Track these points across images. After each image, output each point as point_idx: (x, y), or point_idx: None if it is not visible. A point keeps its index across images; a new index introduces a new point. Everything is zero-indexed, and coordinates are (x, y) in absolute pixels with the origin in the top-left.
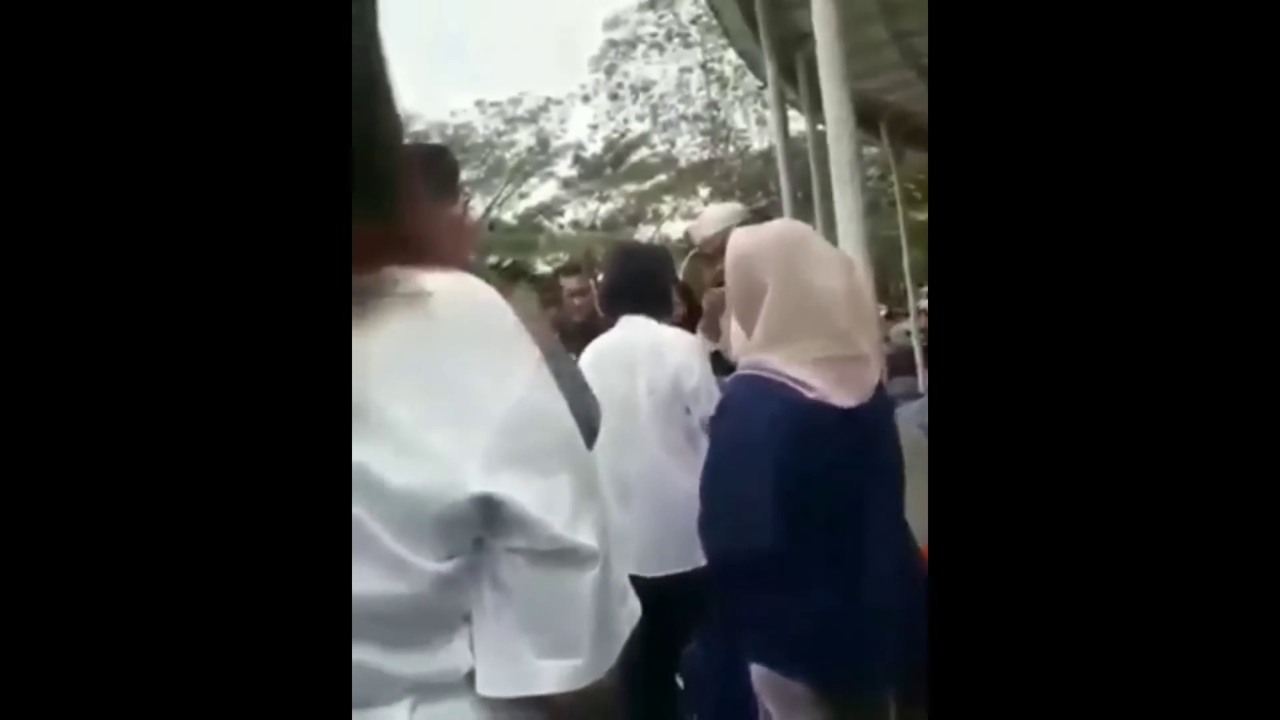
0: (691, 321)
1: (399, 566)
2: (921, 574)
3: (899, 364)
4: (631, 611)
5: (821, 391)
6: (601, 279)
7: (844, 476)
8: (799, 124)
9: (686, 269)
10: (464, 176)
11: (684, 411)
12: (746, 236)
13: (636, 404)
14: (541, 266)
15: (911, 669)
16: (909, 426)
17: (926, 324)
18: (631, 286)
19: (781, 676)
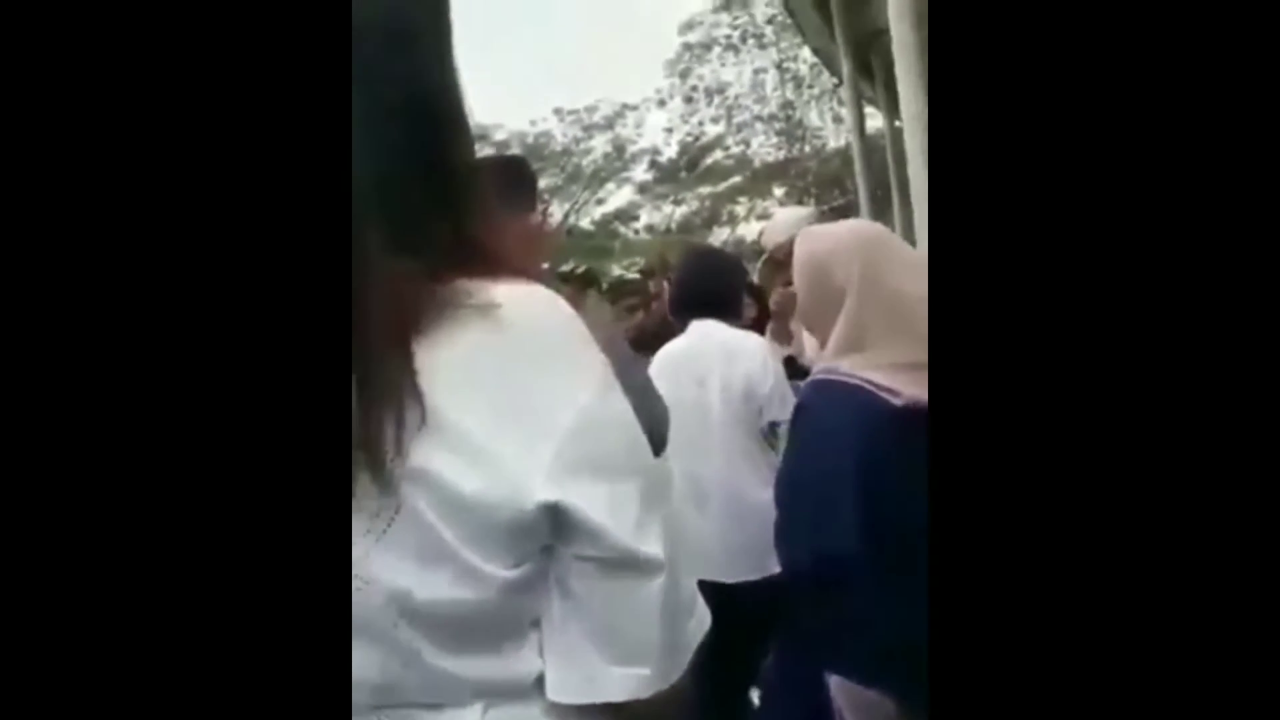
0: (762, 324)
1: (469, 573)
2: None
3: None
4: (700, 621)
5: (907, 398)
6: (670, 284)
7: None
8: (876, 121)
9: (760, 272)
10: (543, 184)
11: (757, 416)
12: (820, 238)
13: (709, 409)
14: (616, 271)
15: None
16: None
17: None
18: (701, 290)
19: (862, 688)
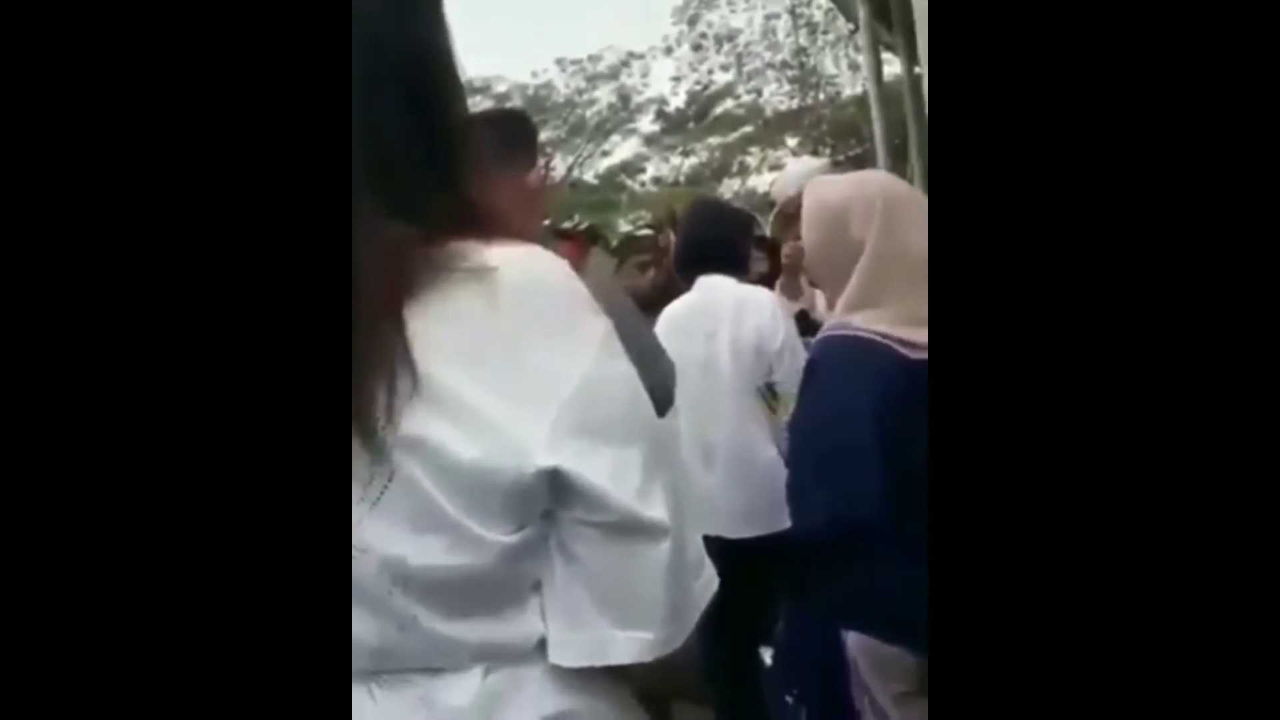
0: (773, 279)
1: (467, 539)
2: None
3: None
4: (708, 582)
5: (924, 351)
6: (675, 238)
7: None
8: (893, 68)
9: (772, 225)
10: (545, 137)
11: (767, 372)
12: (833, 187)
13: (718, 366)
14: (624, 227)
15: None
16: None
17: None
18: (706, 245)
19: (881, 642)
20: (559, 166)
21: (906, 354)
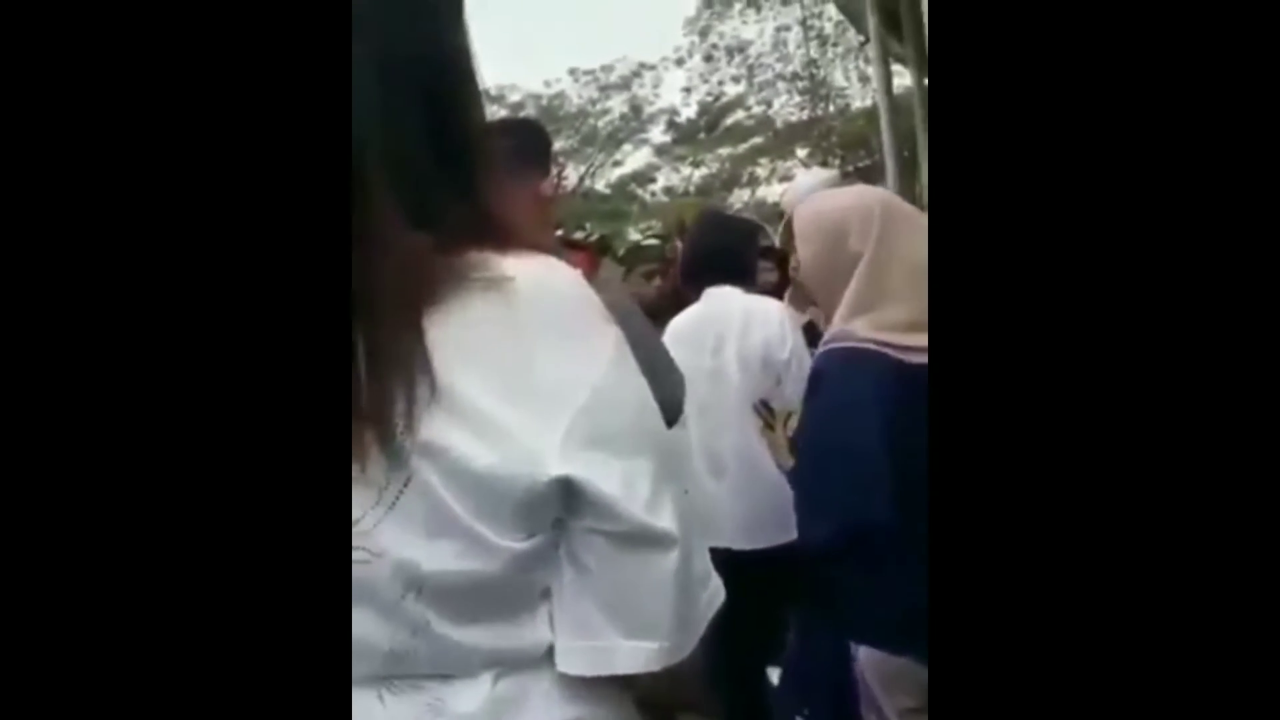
0: (782, 289)
1: (479, 545)
2: None
3: None
4: (714, 594)
5: (923, 355)
6: (681, 249)
7: None
8: (903, 79)
9: (781, 235)
10: (558, 146)
11: (775, 383)
12: (830, 202)
13: (726, 377)
14: (633, 236)
15: None
16: None
17: None
18: (711, 256)
19: (891, 656)
20: (571, 175)
21: (906, 359)
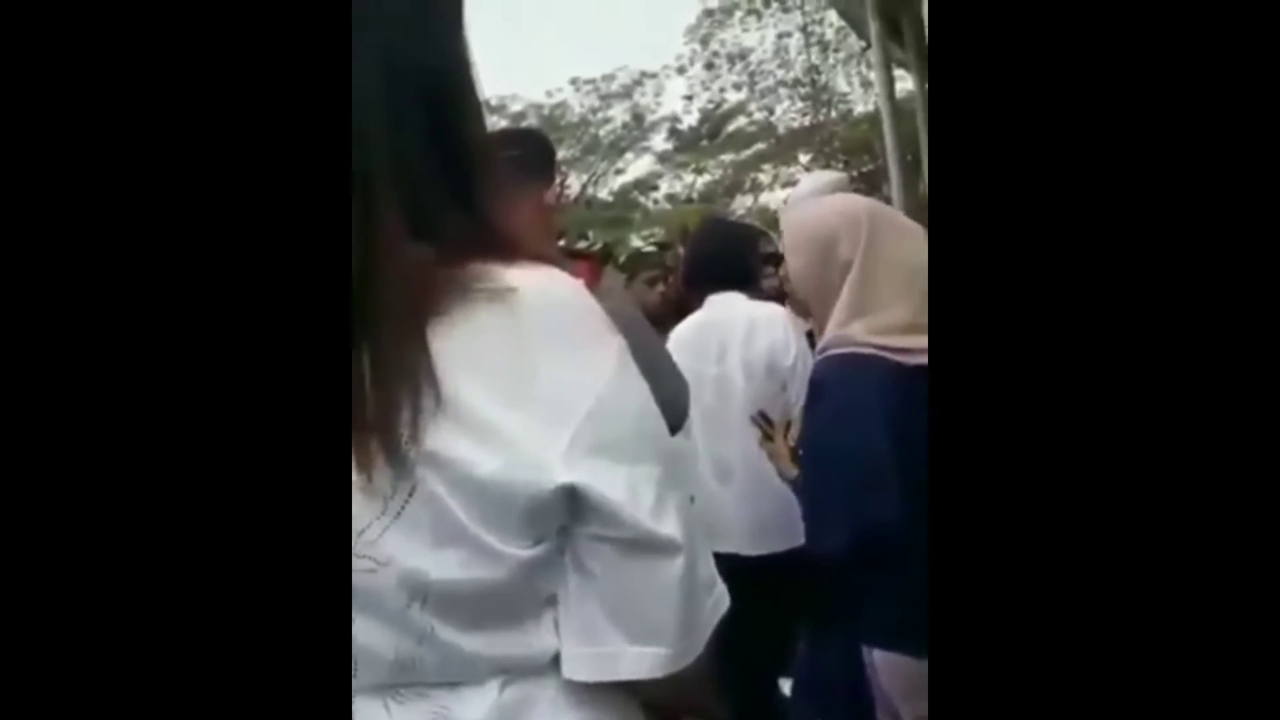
0: (785, 295)
1: (485, 553)
2: None
3: None
4: (719, 600)
5: (921, 356)
6: (683, 256)
7: None
8: (905, 84)
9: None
10: (560, 155)
11: (780, 389)
12: (816, 211)
13: (731, 382)
14: (635, 243)
15: None
16: None
17: None
18: (713, 262)
19: (906, 657)
20: (574, 184)
21: (904, 361)
